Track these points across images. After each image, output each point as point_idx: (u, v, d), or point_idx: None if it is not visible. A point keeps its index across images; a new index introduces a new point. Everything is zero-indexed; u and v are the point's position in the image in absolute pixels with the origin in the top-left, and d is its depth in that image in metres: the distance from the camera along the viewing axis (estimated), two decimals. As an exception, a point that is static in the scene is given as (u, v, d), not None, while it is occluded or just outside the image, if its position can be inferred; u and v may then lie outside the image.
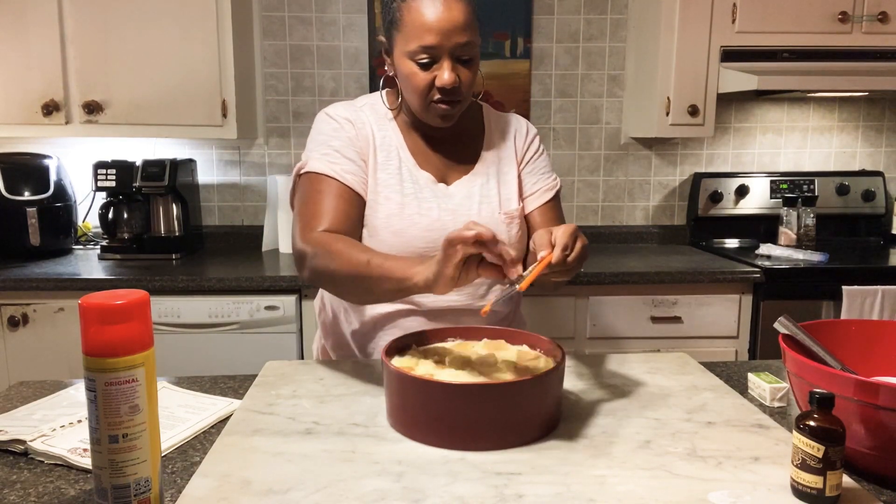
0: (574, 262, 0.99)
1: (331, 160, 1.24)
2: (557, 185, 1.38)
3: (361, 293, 1.14)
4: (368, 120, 1.29)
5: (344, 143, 1.26)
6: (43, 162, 2.52)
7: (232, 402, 1.12)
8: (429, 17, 1.14)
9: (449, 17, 1.14)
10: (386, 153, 1.28)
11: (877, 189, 2.82)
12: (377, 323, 1.31)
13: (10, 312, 2.18)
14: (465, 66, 1.19)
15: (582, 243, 1.00)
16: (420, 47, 1.15)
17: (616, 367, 1.25)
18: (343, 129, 1.27)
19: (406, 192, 1.26)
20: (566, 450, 0.91)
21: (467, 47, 1.17)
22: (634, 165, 2.89)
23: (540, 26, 2.77)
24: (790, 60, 2.45)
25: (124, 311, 0.72)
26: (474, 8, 1.18)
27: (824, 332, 1.03)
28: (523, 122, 1.41)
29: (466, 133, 1.34)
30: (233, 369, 2.15)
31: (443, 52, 1.16)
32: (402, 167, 1.28)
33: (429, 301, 1.27)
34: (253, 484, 0.83)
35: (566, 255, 0.97)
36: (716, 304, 2.31)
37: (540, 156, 1.39)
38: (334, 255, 1.12)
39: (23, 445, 0.94)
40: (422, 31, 1.14)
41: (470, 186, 1.30)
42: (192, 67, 2.39)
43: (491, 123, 1.37)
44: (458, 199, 1.28)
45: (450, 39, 1.15)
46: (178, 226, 2.56)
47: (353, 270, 1.09)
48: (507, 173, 1.34)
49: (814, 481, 0.77)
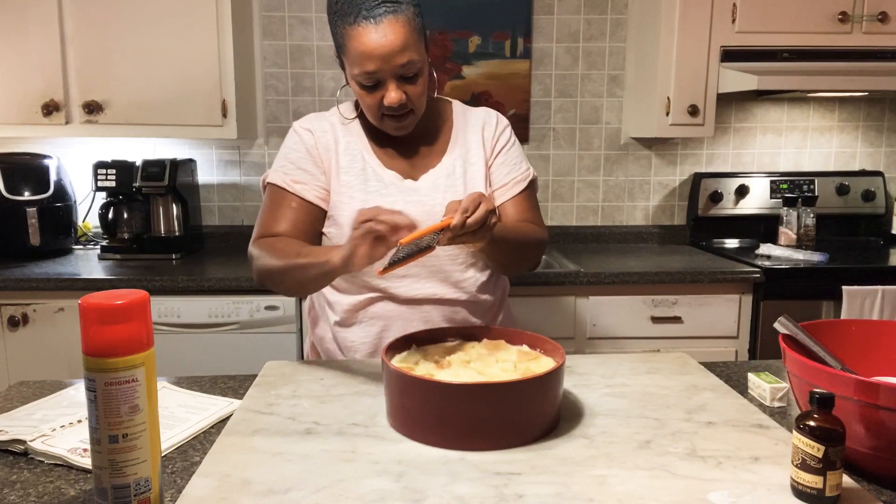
0: (474, 223, 1.04)
1: (285, 171, 1.33)
2: (530, 176, 1.40)
3: (294, 284, 1.23)
4: (332, 127, 1.36)
5: (301, 154, 1.33)
6: (43, 162, 2.52)
7: (232, 402, 1.12)
8: (367, 45, 1.18)
9: (385, 42, 1.17)
10: (350, 157, 1.33)
11: (877, 189, 2.82)
12: (352, 310, 1.33)
13: (10, 312, 2.18)
14: (411, 82, 1.23)
15: (487, 206, 1.06)
16: (363, 73, 1.21)
17: (616, 366, 1.25)
18: (301, 141, 1.35)
19: (370, 191, 1.30)
20: (566, 450, 0.91)
21: (409, 66, 1.21)
22: (634, 165, 2.89)
23: (540, 26, 2.77)
24: (790, 60, 2.45)
25: (124, 311, 0.72)
26: (415, 24, 1.21)
27: (824, 332, 1.03)
28: (494, 114, 1.43)
29: (433, 130, 1.38)
30: (233, 369, 2.15)
31: (385, 75, 1.21)
32: (367, 168, 1.32)
33: (401, 291, 1.30)
34: (253, 484, 0.83)
35: (466, 216, 1.03)
36: (716, 304, 2.31)
37: (511, 147, 1.40)
38: (273, 254, 1.22)
39: (23, 445, 0.94)
40: (362, 59, 1.19)
41: (435, 178, 1.33)
42: (192, 67, 2.39)
43: (458, 119, 1.40)
44: (423, 192, 1.31)
45: (389, 63, 1.19)
46: (178, 226, 2.56)
47: (285, 264, 1.19)
48: (475, 164, 1.36)
49: (814, 481, 0.77)
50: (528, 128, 2.81)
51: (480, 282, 1.35)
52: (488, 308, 1.38)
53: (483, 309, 1.37)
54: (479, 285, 1.34)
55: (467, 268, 1.33)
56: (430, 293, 1.31)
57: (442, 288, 1.31)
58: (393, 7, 1.17)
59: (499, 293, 1.42)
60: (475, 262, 1.34)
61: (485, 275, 1.36)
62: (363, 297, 1.32)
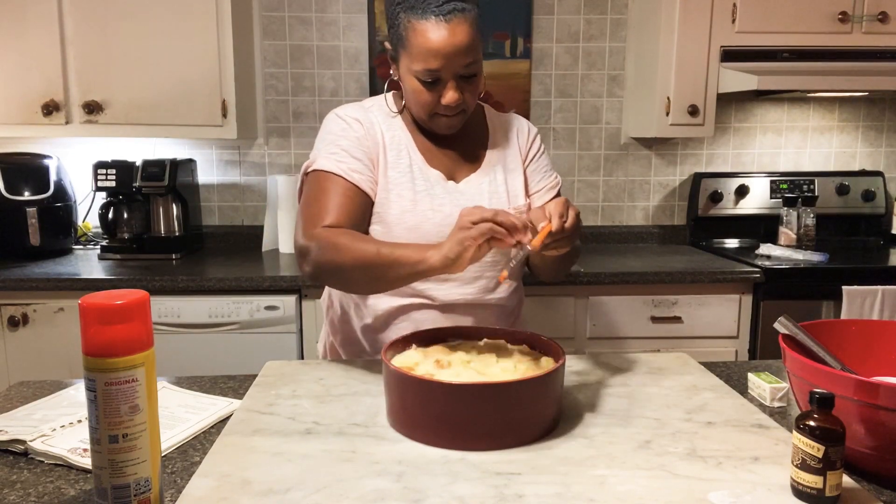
0: (571, 228, 1.04)
1: (338, 159, 1.25)
2: (559, 184, 1.42)
3: (370, 282, 1.15)
4: (377, 120, 1.31)
5: (352, 142, 1.27)
6: (43, 162, 2.52)
7: (232, 402, 1.12)
8: (434, 42, 1.15)
9: (453, 41, 1.16)
10: (396, 152, 1.29)
11: (877, 189, 2.82)
12: (389, 316, 1.31)
13: (10, 312, 2.18)
14: (468, 81, 1.22)
15: (574, 211, 1.06)
16: (425, 70, 1.18)
17: (616, 366, 1.25)
18: (351, 129, 1.28)
19: (418, 189, 1.28)
20: (566, 450, 0.91)
21: (471, 66, 1.20)
22: (634, 165, 2.89)
23: (540, 26, 2.77)
24: (790, 60, 2.45)
25: (124, 311, 0.72)
26: (477, 24, 1.20)
27: (824, 332, 1.03)
28: (524, 121, 1.44)
29: (471, 132, 1.36)
30: (233, 369, 2.15)
31: (448, 74, 1.19)
32: (413, 165, 1.29)
33: (441, 294, 1.28)
34: (253, 484, 0.83)
35: (563, 221, 1.03)
36: (716, 304, 2.31)
37: (542, 155, 1.42)
38: (340, 248, 1.13)
39: (23, 445, 0.94)
40: (427, 55, 1.16)
41: (479, 183, 1.32)
42: (192, 67, 2.39)
43: (493, 123, 1.40)
44: (468, 195, 1.30)
45: (454, 63, 1.17)
46: (178, 226, 2.56)
47: (361, 261, 1.11)
48: (514, 170, 1.36)
49: (814, 481, 0.77)
50: (528, 128, 2.81)
51: (513, 287, 1.36)
52: (510, 311, 1.39)
53: (506, 313, 1.37)
54: (509, 291, 1.35)
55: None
56: (468, 298, 1.30)
57: (479, 293, 1.30)
58: (462, 6, 1.16)
59: (519, 296, 1.43)
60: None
61: (516, 280, 1.37)
62: (402, 302, 1.29)
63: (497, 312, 1.34)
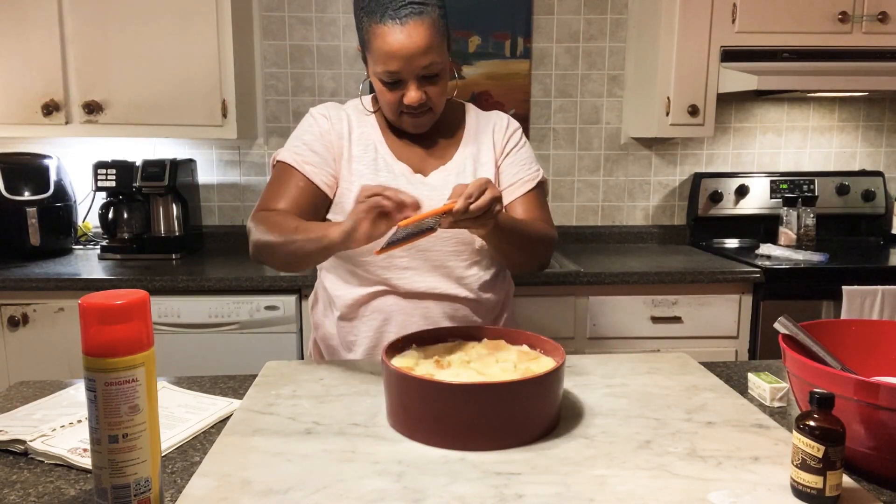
0: (477, 209, 1.04)
1: (297, 151, 1.32)
2: (539, 177, 1.41)
3: (290, 258, 1.21)
4: (348, 116, 1.37)
5: (314, 136, 1.34)
6: (43, 162, 2.52)
7: (232, 402, 1.12)
8: (390, 45, 1.19)
9: (410, 43, 1.19)
10: (363, 146, 1.34)
11: (877, 189, 2.82)
12: (356, 304, 1.33)
13: (10, 312, 2.18)
14: (432, 81, 1.25)
15: (491, 195, 1.05)
16: (385, 72, 1.23)
17: (616, 366, 1.25)
18: (317, 124, 1.36)
19: (380, 181, 1.31)
20: (566, 450, 0.91)
21: (431, 67, 1.23)
22: (634, 165, 2.89)
23: (540, 26, 2.77)
24: (790, 60, 2.44)
25: (124, 311, 0.72)
26: (439, 25, 1.22)
27: (824, 332, 1.03)
28: (505, 117, 1.45)
29: (446, 129, 1.39)
30: (233, 369, 2.15)
31: (408, 75, 1.23)
32: (379, 158, 1.33)
33: (402, 283, 1.31)
34: (253, 484, 0.83)
35: (469, 202, 1.03)
36: (716, 304, 2.31)
37: (521, 148, 1.42)
38: (270, 227, 1.22)
39: (23, 445, 0.94)
40: (385, 58, 1.21)
41: (445, 176, 1.34)
42: (191, 67, 2.39)
43: (471, 120, 1.42)
44: (434, 188, 1.32)
45: (412, 64, 1.21)
46: (178, 226, 2.56)
47: (282, 237, 1.19)
48: (485, 164, 1.37)
49: (814, 481, 0.77)
50: (528, 128, 2.81)
51: (483, 280, 1.35)
52: (491, 307, 1.38)
53: (485, 308, 1.37)
54: (481, 283, 1.35)
55: (471, 265, 1.33)
56: (432, 287, 1.31)
57: (444, 283, 1.32)
58: (419, 9, 1.18)
59: (502, 294, 1.42)
60: (479, 261, 1.34)
61: (488, 273, 1.36)
62: (367, 290, 1.32)
63: (474, 306, 1.35)
